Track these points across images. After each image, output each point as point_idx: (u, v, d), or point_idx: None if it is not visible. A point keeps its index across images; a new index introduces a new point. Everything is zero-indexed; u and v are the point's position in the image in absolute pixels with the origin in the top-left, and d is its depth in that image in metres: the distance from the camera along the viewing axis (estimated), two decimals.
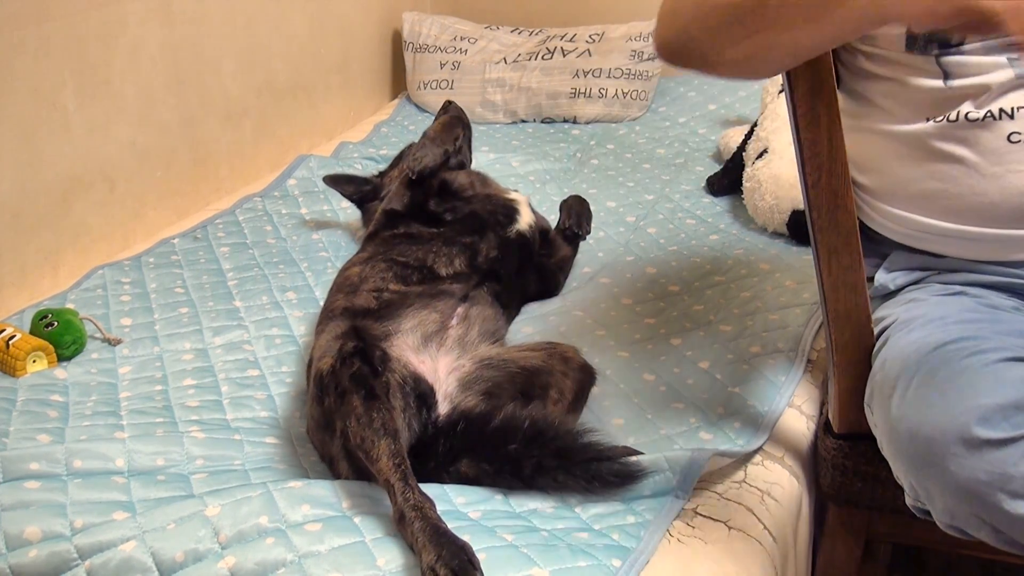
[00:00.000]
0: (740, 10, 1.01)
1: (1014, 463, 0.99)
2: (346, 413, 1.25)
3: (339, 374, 1.29)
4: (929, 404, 1.05)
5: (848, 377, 1.24)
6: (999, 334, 1.11)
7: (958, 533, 1.08)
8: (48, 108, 1.99)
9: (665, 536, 1.20)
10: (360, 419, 1.23)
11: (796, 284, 1.82)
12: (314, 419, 1.38)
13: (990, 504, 1.01)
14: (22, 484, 1.29)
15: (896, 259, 1.30)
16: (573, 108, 2.92)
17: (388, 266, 1.65)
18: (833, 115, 1.12)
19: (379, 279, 1.62)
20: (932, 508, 1.09)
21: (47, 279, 2.03)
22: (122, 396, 1.59)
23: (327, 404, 1.31)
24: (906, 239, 1.27)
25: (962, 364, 1.06)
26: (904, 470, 1.10)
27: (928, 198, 1.21)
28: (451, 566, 1.06)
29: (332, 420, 1.30)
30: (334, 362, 1.31)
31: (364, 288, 1.59)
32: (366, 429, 1.22)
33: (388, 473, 1.18)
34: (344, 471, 1.31)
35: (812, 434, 1.44)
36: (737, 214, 2.20)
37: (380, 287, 1.59)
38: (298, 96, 2.76)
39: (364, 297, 1.56)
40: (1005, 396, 1.01)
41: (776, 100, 2.28)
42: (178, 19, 2.31)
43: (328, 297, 1.66)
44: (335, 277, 1.72)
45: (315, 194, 2.44)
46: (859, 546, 1.34)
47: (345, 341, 1.35)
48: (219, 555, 1.15)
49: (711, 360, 1.60)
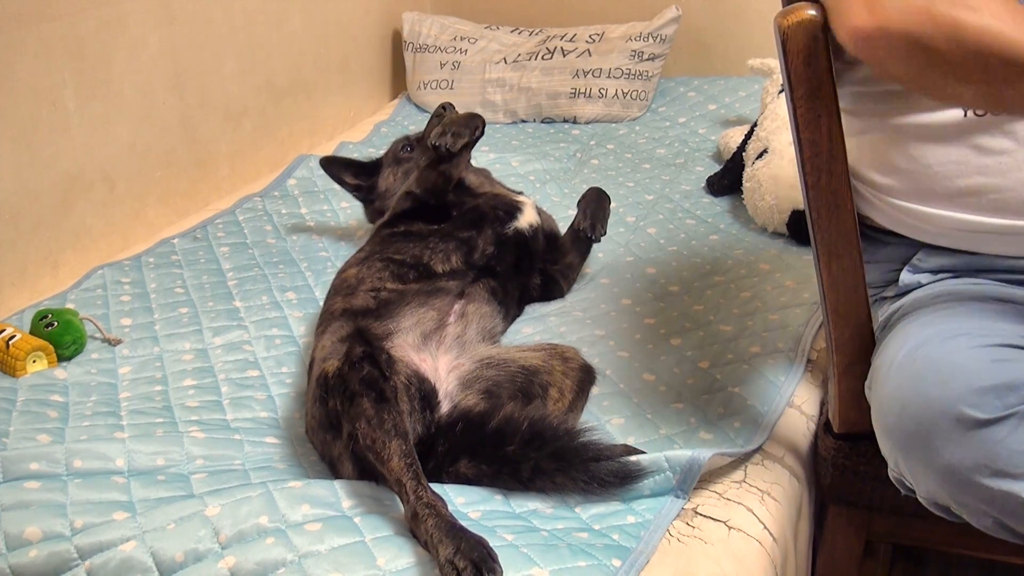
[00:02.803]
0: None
1: (1001, 440, 1.00)
2: (356, 415, 1.26)
3: (347, 377, 1.30)
4: (921, 381, 1.05)
5: (848, 377, 1.24)
6: (1010, 323, 1.11)
7: (942, 512, 1.09)
8: (48, 108, 2.00)
9: (665, 536, 1.20)
10: (371, 421, 1.24)
11: (796, 284, 1.82)
12: (316, 419, 1.38)
13: (975, 483, 1.01)
14: (22, 484, 1.29)
15: (924, 259, 1.26)
16: (573, 108, 2.92)
17: (384, 265, 1.66)
18: (833, 115, 1.12)
19: (376, 279, 1.62)
20: (916, 486, 1.09)
21: (47, 279, 2.03)
22: (122, 396, 1.60)
23: (332, 405, 1.31)
24: (940, 239, 1.23)
25: (954, 345, 1.07)
26: (891, 446, 1.10)
27: (973, 194, 1.18)
28: (471, 557, 1.06)
29: (338, 421, 1.30)
30: (341, 365, 1.32)
31: (362, 289, 1.60)
32: (377, 431, 1.23)
33: (400, 473, 1.19)
34: (348, 472, 1.32)
35: (812, 434, 1.44)
36: (737, 214, 2.20)
37: (377, 287, 1.60)
38: (298, 96, 2.76)
39: (362, 297, 1.57)
40: (997, 377, 1.01)
41: (776, 100, 2.28)
42: (178, 19, 2.31)
43: (327, 299, 1.67)
44: (333, 279, 1.72)
45: (315, 194, 2.44)
46: (859, 546, 1.34)
47: (352, 345, 1.35)
48: (219, 555, 1.15)
49: (711, 360, 1.60)
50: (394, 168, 2.07)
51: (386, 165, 2.10)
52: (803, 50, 1.09)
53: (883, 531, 1.33)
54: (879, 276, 1.30)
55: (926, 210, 1.22)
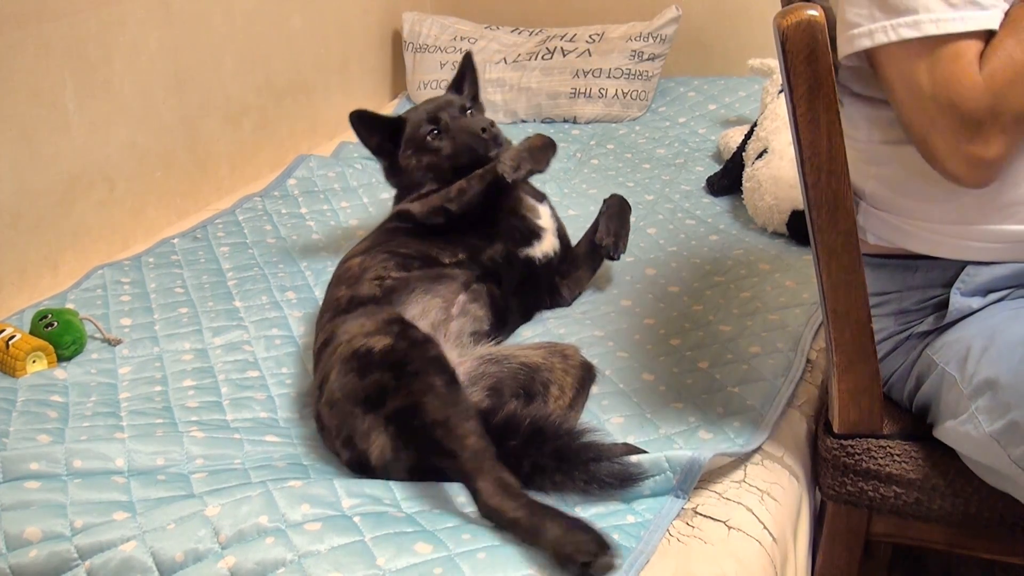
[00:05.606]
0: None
1: None
2: (421, 391, 1.27)
3: (409, 355, 1.32)
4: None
5: (848, 377, 1.24)
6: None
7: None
8: (48, 108, 2.00)
9: (665, 536, 1.20)
10: (444, 399, 1.26)
11: (796, 284, 1.82)
12: (343, 392, 1.37)
13: None
14: (22, 484, 1.29)
15: (972, 279, 1.23)
16: (573, 108, 2.92)
17: (389, 256, 1.65)
18: (833, 115, 1.12)
19: (380, 268, 1.62)
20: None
21: (47, 279, 2.03)
22: (122, 396, 1.59)
23: (375, 380, 1.32)
24: (983, 254, 1.22)
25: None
26: None
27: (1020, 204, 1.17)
28: (585, 533, 1.10)
29: (380, 397, 1.31)
30: (395, 343, 1.34)
31: (366, 277, 1.60)
32: (450, 408, 1.26)
33: (479, 449, 1.22)
34: (378, 445, 1.31)
35: (812, 434, 1.44)
36: (737, 214, 2.20)
37: (382, 275, 1.60)
38: (298, 96, 2.76)
39: (368, 286, 1.57)
40: None
41: (776, 100, 2.28)
42: (178, 19, 2.31)
43: (329, 290, 1.66)
44: (335, 269, 1.72)
45: (315, 194, 2.44)
46: (859, 546, 1.34)
47: (406, 327, 1.39)
48: (219, 555, 1.15)
49: (711, 360, 1.60)
50: (418, 154, 1.86)
51: (408, 142, 1.88)
52: (803, 50, 1.09)
53: (883, 531, 1.33)
54: (914, 303, 1.29)
55: (970, 228, 1.21)
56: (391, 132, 1.90)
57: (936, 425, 1.24)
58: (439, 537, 1.16)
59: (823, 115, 1.12)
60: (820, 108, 1.11)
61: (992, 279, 1.23)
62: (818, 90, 1.11)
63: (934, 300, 1.27)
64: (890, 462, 1.27)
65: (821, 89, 1.11)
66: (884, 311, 1.31)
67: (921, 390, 1.28)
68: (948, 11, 1.08)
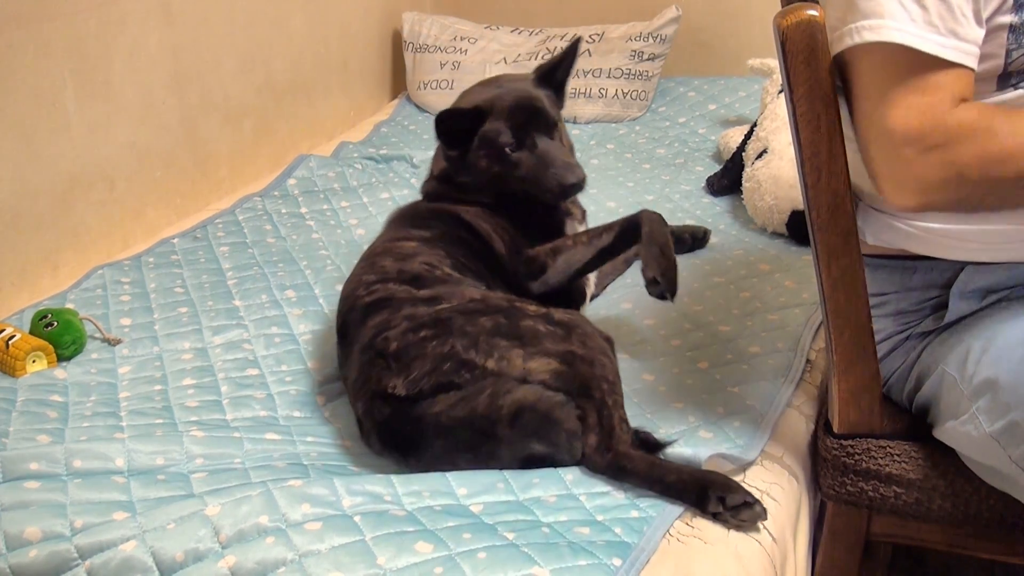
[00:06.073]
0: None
1: None
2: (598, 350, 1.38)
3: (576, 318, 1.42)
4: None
5: (848, 377, 1.24)
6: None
7: None
8: (48, 108, 2.00)
9: (665, 536, 1.20)
10: (610, 356, 1.39)
11: (796, 284, 1.82)
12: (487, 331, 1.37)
13: None
14: (22, 484, 1.29)
15: (971, 280, 1.24)
16: (573, 108, 2.92)
17: (446, 255, 1.62)
18: (833, 115, 1.12)
19: (434, 258, 1.60)
20: None
21: (47, 279, 2.03)
22: (122, 396, 1.59)
23: (527, 326, 1.38)
24: (981, 254, 1.22)
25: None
26: None
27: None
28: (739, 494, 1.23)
29: (536, 339, 1.36)
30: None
31: (418, 259, 1.58)
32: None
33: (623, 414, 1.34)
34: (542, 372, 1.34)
35: (812, 434, 1.44)
36: (737, 214, 2.20)
37: (434, 263, 1.58)
38: (298, 96, 2.76)
39: (417, 265, 1.56)
40: None
41: (776, 100, 2.28)
42: (178, 19, 2.31)
43: (367, 258, 1.64)
44: (373, 244, 1.71)
45: (315, 194, 2.44)
46: (859, 546, 1.34)
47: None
48: (219, 554, 1.15)
49: (711, 360, 1.60)
50: (489, 159, 1.70)
51: (483, 141, 1.70)
52: (802, 50, 1.09)
53: (883, 531, 1.33)
54: (913, 303, 1.29)
55: (969, 228, 1.21)
56: (470, 124, 1.72)
57: (936, 425, 1.24)
58: (440, 536, 1.16)
59: (823, 115, 1.12)
60: (820, 108, 1.11)
61: (991, 280, 1.23)
62: (818, 90, 1.11)
63: (933, 301, 1.28)
64: (890, 462, 1.27)
65: (821, 89, 1.11)
66: (883, 312, 1.31)
67: (921, 391, 1.28)
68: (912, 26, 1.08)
